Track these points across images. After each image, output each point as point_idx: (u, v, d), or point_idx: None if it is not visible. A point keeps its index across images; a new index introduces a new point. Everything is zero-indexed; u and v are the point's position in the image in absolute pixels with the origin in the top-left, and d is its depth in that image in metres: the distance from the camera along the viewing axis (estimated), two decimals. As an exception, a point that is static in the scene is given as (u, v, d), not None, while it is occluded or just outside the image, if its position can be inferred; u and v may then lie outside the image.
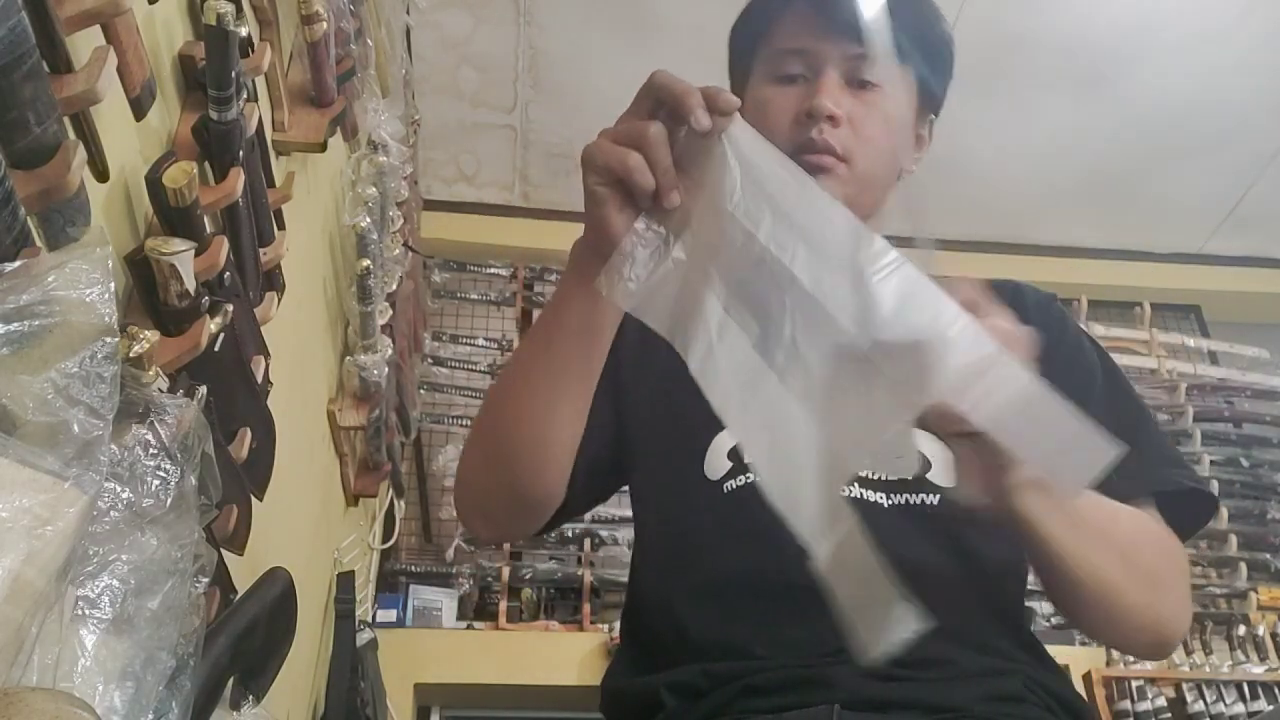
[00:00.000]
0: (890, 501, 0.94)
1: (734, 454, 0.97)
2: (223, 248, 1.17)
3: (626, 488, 1.11)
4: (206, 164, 1.21)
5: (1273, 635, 3.28)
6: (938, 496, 0.93)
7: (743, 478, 0.96)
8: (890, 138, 1.03)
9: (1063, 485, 0.62)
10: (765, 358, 0.70)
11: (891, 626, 0.64)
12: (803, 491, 0.69)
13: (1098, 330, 3.79)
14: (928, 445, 0.93)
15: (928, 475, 0.94)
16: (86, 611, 0.70)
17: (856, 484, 0.95)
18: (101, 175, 0.97)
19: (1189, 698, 3.05)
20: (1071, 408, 0.61)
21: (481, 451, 0.97)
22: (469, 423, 2.43)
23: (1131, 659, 3.12)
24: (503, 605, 3.15)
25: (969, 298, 0.68)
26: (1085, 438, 0.61)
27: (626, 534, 3.15)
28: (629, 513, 1.12)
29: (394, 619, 2.98)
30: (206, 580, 0.87)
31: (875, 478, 0.96)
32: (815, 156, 0.99)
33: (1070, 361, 1.02)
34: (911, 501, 0.94)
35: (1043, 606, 3.30)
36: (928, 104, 1.09)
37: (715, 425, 0.98)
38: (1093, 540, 0.84)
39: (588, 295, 0.80)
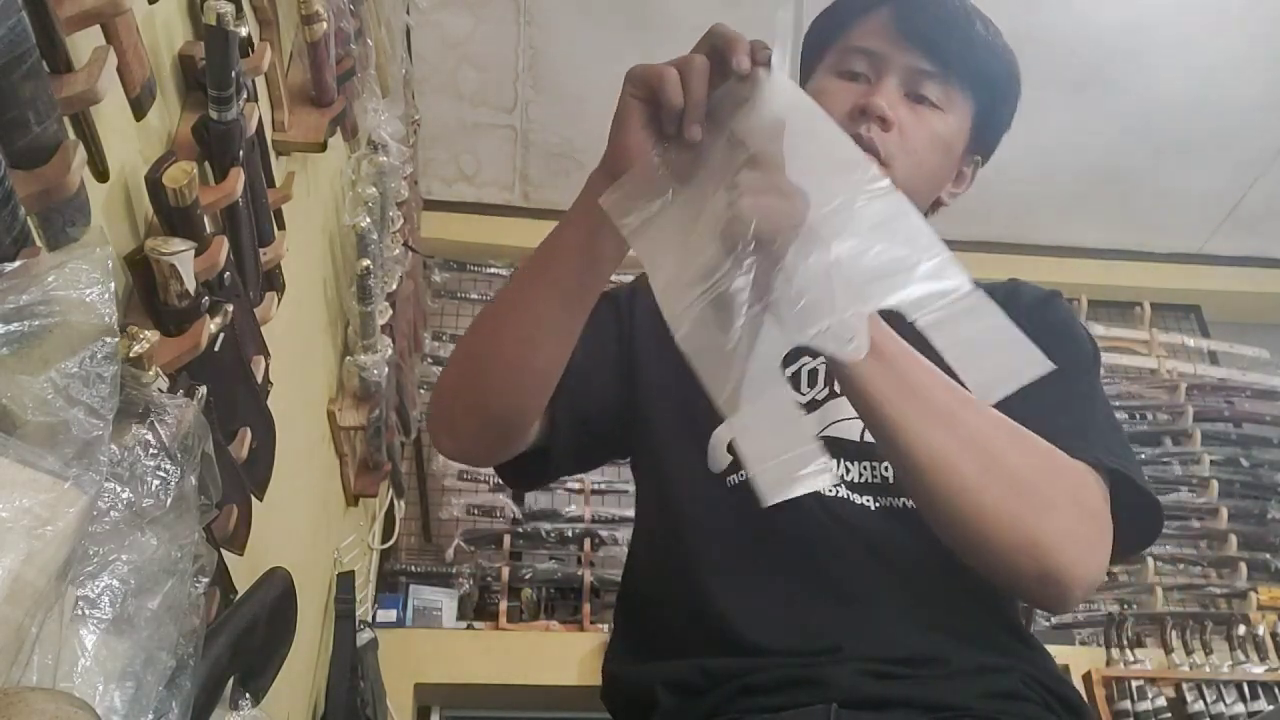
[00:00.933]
0: (877, 504, 0.95)
1: (734, 448, 0.97)
2: (223, 248, 1.17)
3: (628, 488, 1.11)
4: (206, 164, 1.21)
5: (1273, 635, 3.27)
6: None
7: (743, 473, 0.96)
8: (935, 157, 1.04)
9: (984, 386, 0.66)
10: (728, 257, 0.72)
11: (805, 478, 0.69)
12: (731, 365, 0.71)
13: (1098, 330, 3.79)
14: None
15: None
16: (86, 611, 0.70)
17: (844, 488, 0.96)
18: (101, 175, 0.97)
19: (1189, 698, 3.05)
20: (1013, 326, 0.66)
21: (461, 364, 0.97)
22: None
23: (1132, 659, 3.12)
24: (503, 605, 3.15)
25: None
26: (1021, 347, 0.65)
27: (627, 534, 3.14)
28: (629, 513, 1.12)
29: (394, 619, 2.98)
30: (206, 580, 0.87)
31: (861, 481, 0.96)
32: None
33: (1050, 348, 1.02)
34: (896, 505, 0.94)
35: (1043, 606, 3.30)
36: (978, 144, 1.09)
37: (718, 418, 0.99)
38: (930, 414, 0.80)
39: (593, 220, 0.81)
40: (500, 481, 1.63)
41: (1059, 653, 3.02)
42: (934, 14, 1.03)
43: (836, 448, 0.97)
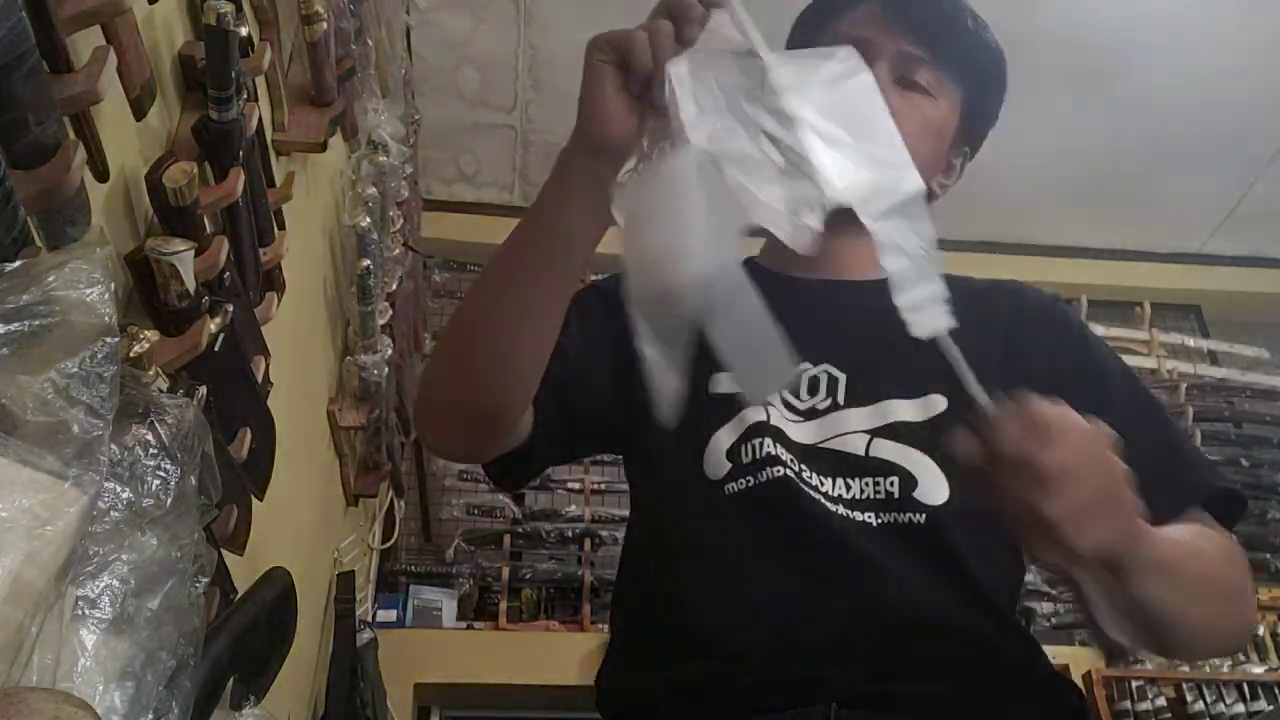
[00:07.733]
0: (879, 521, 0.93)
1: (732, 454, 0.97)
2: (223, 248, 1.17)
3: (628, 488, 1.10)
4: (206, 164, 1.21)
5: (1273, 635, 3.27)
6: (924, 515, 0.93)
7: (744, 481, 0.95)
8: (927, 143, 1.03)
9: (751, 392, 0.70)
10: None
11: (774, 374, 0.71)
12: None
13: (1098, 330, 3.77)
14: (914, 462, 0.94)
15: (914, 494, 0.93)
16: (86, 611, 0.70)
17: (843, 505, 0.94)
18: (101, 175, 0.97)
19: (1189, 698, 3.05)
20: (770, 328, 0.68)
21: (445, 359, 0.96)
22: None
23: (1132, 659, 3.13)
24: (503, 605, 3.15)
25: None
26: (777, 352, 0.69)
27: (626, 534, 3.13)
28: (629, 513, 1.11)
29: (394, 619, 2.98)
30: (206, 580, 0.87)
31: (863, 498, 0.94)
32: None
33: (1081, 366, 1.02)
34: (900, 520, 0.93)
35: (1042, 606, 3.30)
36: (966, 135, 1.09)
37: (715, 422, 0.98)
38: (1181, 588, 0.82)
39: (570, 205, 0.81)
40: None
41: (1059, 652, 3.02)
42: (923, 1, 1.05)
43: (839, 462, 0.96)
